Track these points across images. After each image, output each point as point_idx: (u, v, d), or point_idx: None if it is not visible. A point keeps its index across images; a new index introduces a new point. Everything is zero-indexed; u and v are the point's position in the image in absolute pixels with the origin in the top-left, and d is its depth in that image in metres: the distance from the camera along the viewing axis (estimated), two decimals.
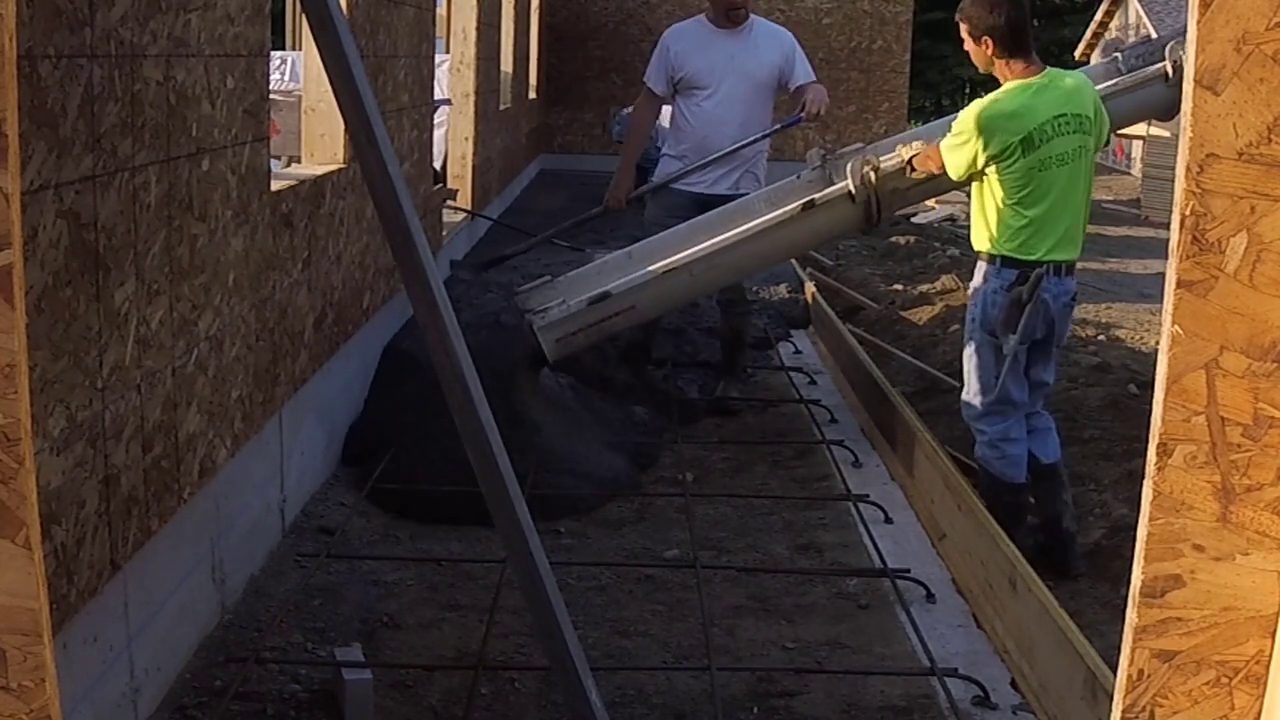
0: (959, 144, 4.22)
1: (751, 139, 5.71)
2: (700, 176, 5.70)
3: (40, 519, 1.69)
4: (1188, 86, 1.52)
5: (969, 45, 4.25)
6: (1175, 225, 1.56)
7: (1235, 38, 1.50)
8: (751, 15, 5.82)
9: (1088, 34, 26.87)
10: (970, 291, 4.37)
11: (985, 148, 4.13)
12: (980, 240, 4.28)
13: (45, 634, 1.69)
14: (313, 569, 3.90)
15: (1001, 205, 4.15)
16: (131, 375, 2.84)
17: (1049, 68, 4.27)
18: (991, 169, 4.15)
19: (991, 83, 4.32)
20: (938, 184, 4.87)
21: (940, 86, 35.18)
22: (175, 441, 3.12)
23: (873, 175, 4.88)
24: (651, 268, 5.04)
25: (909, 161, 4.70)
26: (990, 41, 4.15)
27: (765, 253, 5.20)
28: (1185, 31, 1.56)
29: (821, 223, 5.05)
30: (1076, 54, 26.82)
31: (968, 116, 4.21)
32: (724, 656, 3.47)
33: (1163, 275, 1.66)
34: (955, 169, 4.28)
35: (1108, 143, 4.41)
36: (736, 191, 5.64)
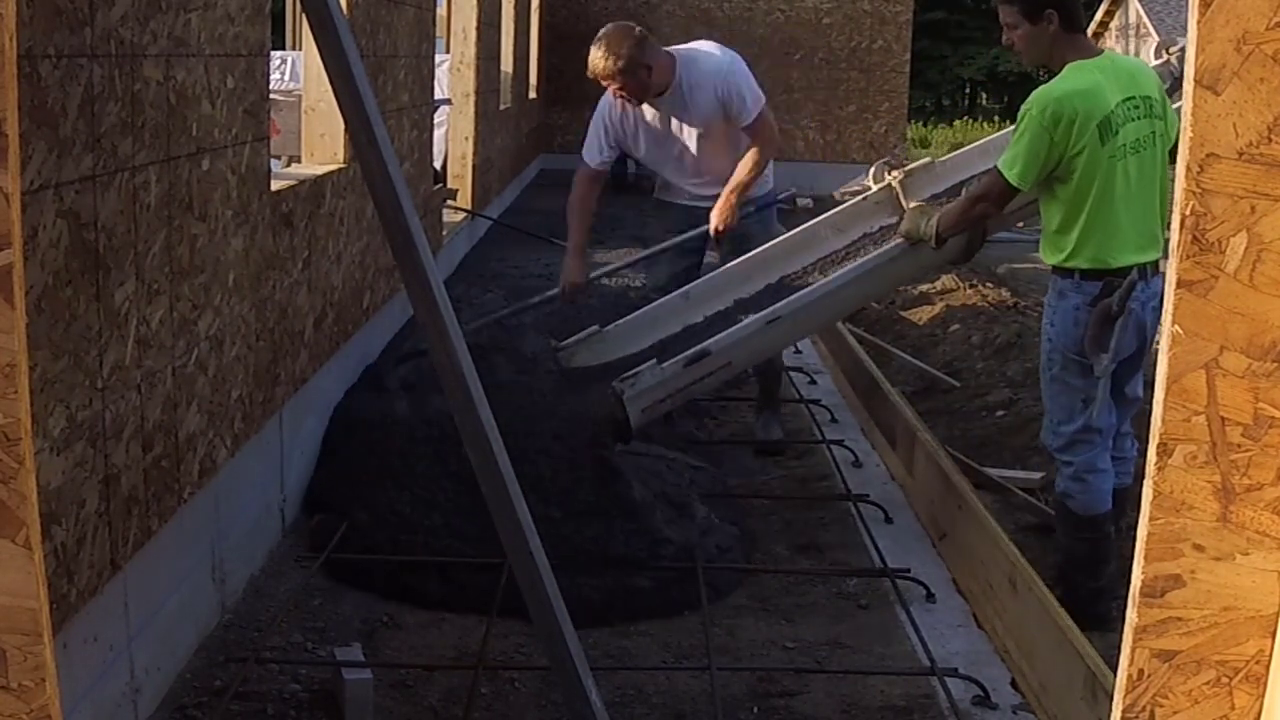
0: (1025, 143, 3.66)
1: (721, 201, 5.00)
2: (685, 191, 5.20)
3: (40, 519, 1.69)
4: (1188, 86, 1.53)
5: (1021, 30, 3.75)
6: (1175, 225, 1.56)
7: (1235, 38, 1.50)
8: (677, 70, 4.89)
9: (1088, 33, 26.87)
10: (1046, 310, 3.89)
11: (1060, 134, 3.61)
12: (1052, 252, 3.77)
13: (45, 634, 1.69)
14: (313, 569, 3.90)
15: (1074, 207, 3.68)
16: (131, 375, 2.84)
17: (1105, 50, 3.93)
18: (1065, 165, 3.66)
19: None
20: (1028, 205, 4.20)
21: (940, 86, 35.13)
22: (175, 441, 3.12)
23: None
24: (749, 319, 4.42)
25: (937, 234, 4.11)
26: (1055, 15, 3.68)
27: (869, 292, 4.82)
28: None
29: (926, 256, 4.48)
30: None
31: (1029, 109, 3.67)
32: (724, 656, 3.47)
33: (1163, 275, 1.66)
34: (1024, 176, 3.68)
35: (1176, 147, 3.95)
36: None
